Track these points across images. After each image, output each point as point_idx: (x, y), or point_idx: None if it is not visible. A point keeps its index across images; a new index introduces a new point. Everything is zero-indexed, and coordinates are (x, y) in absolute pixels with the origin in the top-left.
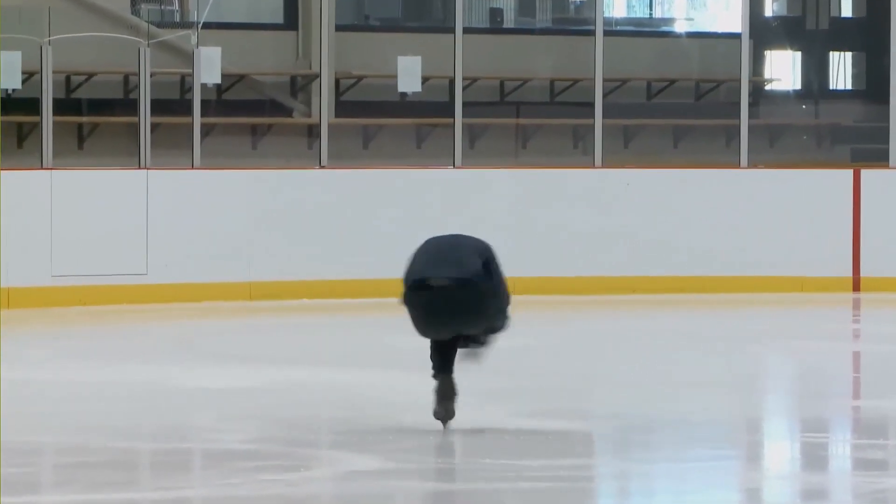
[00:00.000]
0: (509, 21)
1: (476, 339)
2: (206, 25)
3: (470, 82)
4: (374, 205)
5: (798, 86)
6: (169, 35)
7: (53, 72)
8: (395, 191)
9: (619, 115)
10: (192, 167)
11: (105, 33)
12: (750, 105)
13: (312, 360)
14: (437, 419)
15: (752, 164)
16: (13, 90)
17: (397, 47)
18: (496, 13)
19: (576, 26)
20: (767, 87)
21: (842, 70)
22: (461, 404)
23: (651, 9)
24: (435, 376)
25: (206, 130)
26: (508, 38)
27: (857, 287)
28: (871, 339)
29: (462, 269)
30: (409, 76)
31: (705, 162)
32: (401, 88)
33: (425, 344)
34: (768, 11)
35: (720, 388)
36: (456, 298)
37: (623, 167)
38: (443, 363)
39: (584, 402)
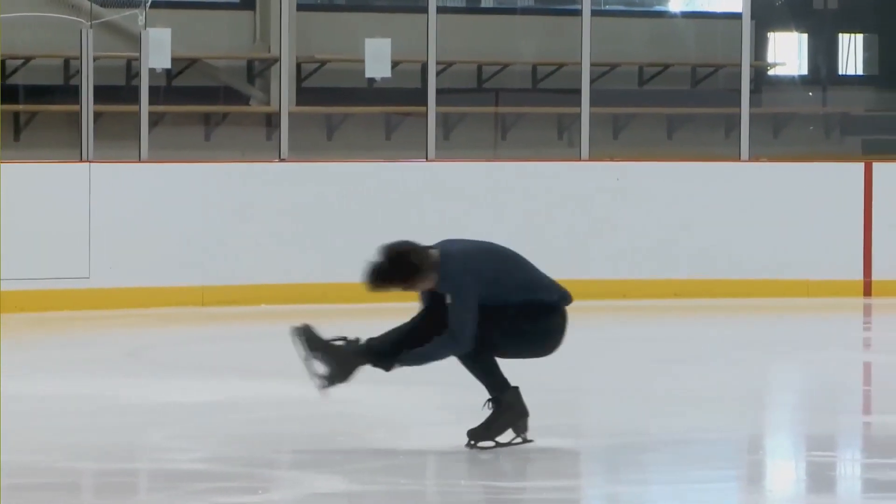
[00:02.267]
0: (488, 0)
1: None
2: (155, 5)
3: (444, 67)
4: (339, 201)
5: (804, 71)
6: (114, 15)
7: None
8: (362, 186)
9: (609, 102)
10: (139, 160)
11: (43, 13)
12: (751, 92)
13: (272, 372)
14: (527, 440)
15: (754, 157)
16: None
17: (365, 28)
18: None
19: (561, 6)
20: (771, 73)
21: (852, 54)
22: (439, 421)
23: None
24: (509, 392)
25: (155, 120)
26: (487, 19)
27: (868, 291)
28: (883, 349)
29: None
30: (377, 60)
31: (702, 154)
32: (368, 74)
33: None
34: None
35: (719, 403)
36: (567, 317)
37: (612, 160)
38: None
39: (571, 418)
